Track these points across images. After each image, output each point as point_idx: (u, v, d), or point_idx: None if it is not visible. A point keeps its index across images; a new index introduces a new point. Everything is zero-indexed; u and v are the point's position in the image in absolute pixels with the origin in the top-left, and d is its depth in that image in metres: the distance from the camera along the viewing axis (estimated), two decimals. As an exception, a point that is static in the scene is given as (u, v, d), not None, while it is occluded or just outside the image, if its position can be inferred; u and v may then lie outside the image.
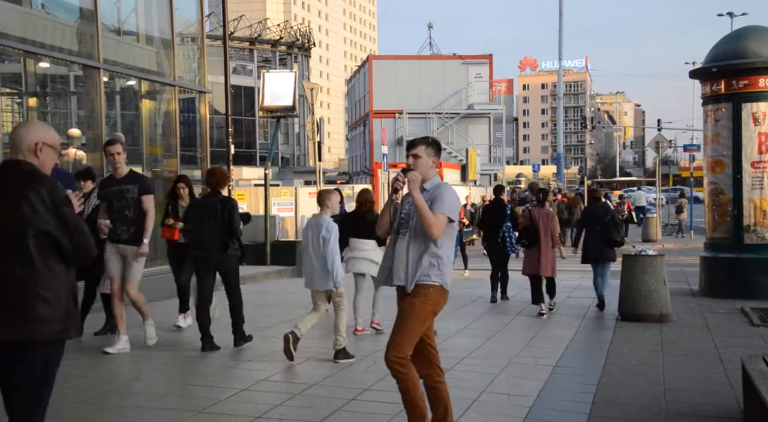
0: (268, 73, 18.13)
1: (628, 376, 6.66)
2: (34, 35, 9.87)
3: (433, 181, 4.52)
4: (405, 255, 4.42)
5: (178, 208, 8.48)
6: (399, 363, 4.32)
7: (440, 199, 4.40)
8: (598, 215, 10.61)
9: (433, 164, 4.52)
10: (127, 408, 5.31)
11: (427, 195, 4.44)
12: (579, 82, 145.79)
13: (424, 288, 4.38)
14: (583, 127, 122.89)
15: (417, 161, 4.47)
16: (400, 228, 4.50)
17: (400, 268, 4.44)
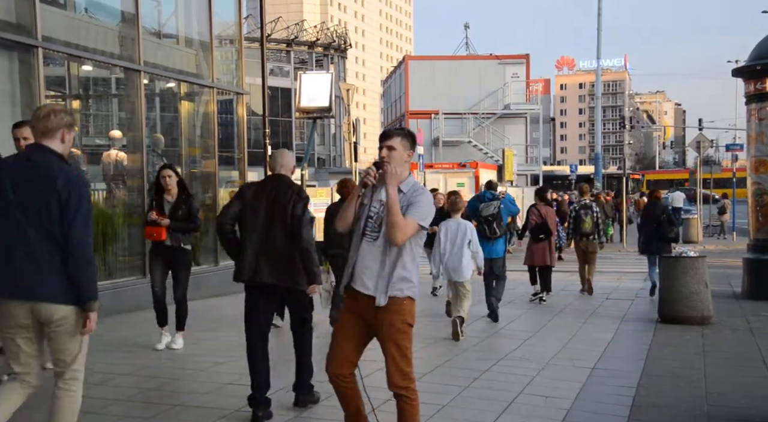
0: (305, 75, 18.24)
1: (668, 379, 6.56)
2: (77, 39, 10.07)
3: (408, 181, 4.11)
4: (376, 263, 4.00)
5: (163, 203, 7.31)
6: (408, 387, 4.07)
7: (418, 205, 3.99)
8: (656, 213, 11.73)
9: (407, 158, 4.13)
10: (167, 406, 5.38)
11: (404, 198, 4.02)
12: (617, 82, 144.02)
13: (398, 302, 4.02)
14: (621, 127, 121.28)
15: (391, 153, 4.05)
16: (368, 230, 4.04)
17: (367, 276, 4.01)
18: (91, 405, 5.37)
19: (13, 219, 3.68)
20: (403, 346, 4.07)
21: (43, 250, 3.66)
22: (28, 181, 3.70)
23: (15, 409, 3.80)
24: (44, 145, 3.77)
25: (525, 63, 44.87)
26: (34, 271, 3.67)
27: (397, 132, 4.14)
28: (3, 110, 8.80)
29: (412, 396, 4.08)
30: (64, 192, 3.66)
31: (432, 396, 5.76)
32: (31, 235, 3.66)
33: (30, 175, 3.72)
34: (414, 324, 4.16)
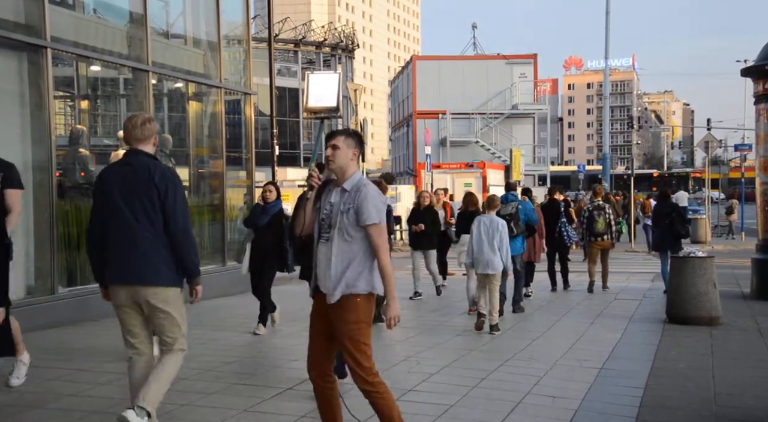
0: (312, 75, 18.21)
1: (676, 380, 6.54)
2: (86, 39, 10.10)
3: (353, 178, 4.15)
4: (327, 263, 4.08)
5: None
6: (372, 383, 4.11)
7: (366, 208, 4.03)
8: (666, 212, 12.10)
9: (353, 157, 4.17)
10: (173, 406, 5.39)
11: (348, 198, 4.09)
12: (626, 82, 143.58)
13: (350, 300, 4.06)
14: (629, 127, 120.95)
15: (336, 152, 4.12)
16: (321, 230, 4.16)
17: (324, 276, 4.10)
18: (98, 405, 5.40)
19: (121, 216, 4.29)
20: (361, 343, 4.10)
21: (146, 239, 4.27)
22: (130, 182, 4.31)
23: (144, 376, 4.36)
24: (140, 149, 4.40)
25: (533, 63, 44.82)
26: (140, 260, 4.27)
27: (341, 132, 4.24)
28: (12, 110, 8.83)
29: (380, 390, 4.14)
30: (161, 185, 4.28)
31: (439, 396, 5.75)
32: (135, 227, 4.27)
33: (131, 176, 4.32)
34: (369, 322, 4.18)
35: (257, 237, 8.30)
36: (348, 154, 4.16)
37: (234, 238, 12.84)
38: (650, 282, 14.28)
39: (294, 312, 9.04)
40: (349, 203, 4.08)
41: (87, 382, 6.02)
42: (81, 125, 11.74)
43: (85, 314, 8.90)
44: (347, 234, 4.08)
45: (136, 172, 4.32)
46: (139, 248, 4.26)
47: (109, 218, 4.35)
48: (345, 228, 4.08)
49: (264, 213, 8.37)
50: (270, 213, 8.34)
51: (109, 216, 4.34)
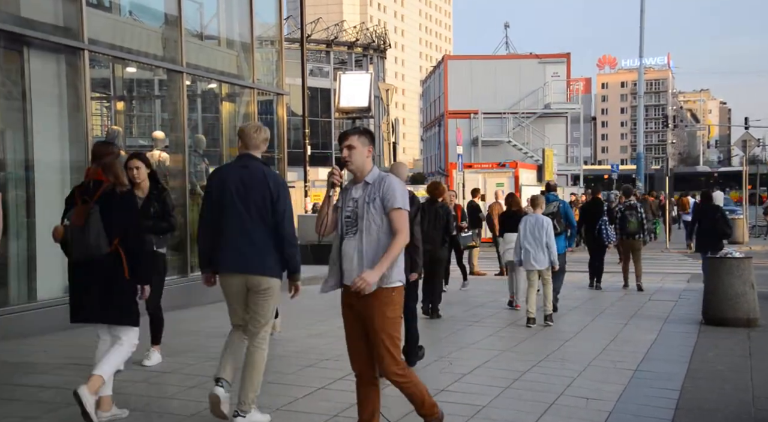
0: (344, 75, 18.34)
1: (713, 382, 6.44)
2: (122, 41, 10.24)
3: (373, 173, 4.29)
4: (359, 256, 4.17)
5: None
6: (401, 374, 4.26)
7: (391, 193, 4.18)
8: (710, 213, 12.27)
9: (368, 154, 4.30)
10: (207, 404, 5.44)
11: (372, 189, 4.22)
12: (660, 80, 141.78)
13: (386, 292, 4.17)
14: (664, 126, 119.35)
15: (352, 152, 4.25)
16: (347, 228, 4.25)
17: (353, 271, 4.18)
18: (136, 402, 5.46)
19: (234, 211, 4.80)
20: (394, 336, 4.25)
21: (257, 235, 4.79)
22: (244, 182, 4.81)
23: (244, 349, 4.95)
24: (253, 154, 4.92)
25: (566, 62, 44.42)
26: (250, 251, 4.78)
27: (353, 131, 4.33)
28: (50, 111, 8.98)
29: (412, 378, 4.33)
30: (274, 190, 4.82)
31: (471, 396, 5.73)
32: (249, 223, 4.79)
33: (246, 177, 4.83)
34: (401, 314, 4.39)
35: None
36: (364, 152, 4.28)
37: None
38: (686, 283, 14.09)
39: (323, 311, 9.07)
40: (375, 193, 4.20)
41: (123, 379, 6.10)
42: (117, 126, 11.92)
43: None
44: (374, 224, 4.18)
45: (252, 174, 4.83)
46: (252, 242, 4.78)
47: (224, 213, 4.82)
48: (372, 218, 4.18)
49: None
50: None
51: (225, 211, 4.82)
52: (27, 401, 5.45)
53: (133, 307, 5.03)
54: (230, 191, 4.80)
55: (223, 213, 4.83)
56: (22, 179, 8.50)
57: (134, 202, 5.15)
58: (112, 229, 4.81)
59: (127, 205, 4.94)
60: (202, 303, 10.35)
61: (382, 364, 4.24)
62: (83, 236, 4.78)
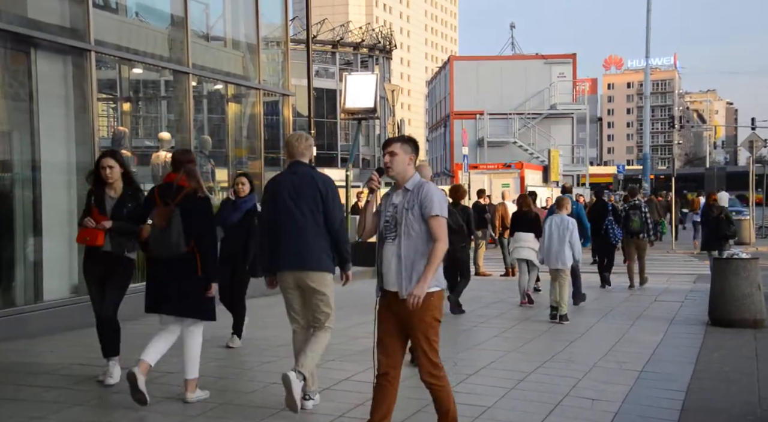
0: (350, 76, 18.30)
1: (719, 383, 6.43)
2: (128, 42, 10.27)
3: (414, 179, 4.43)
4: (397, 261, 4.32)
5: (104, 199, 5.90)
6: (437, 376, 4.39)
7: (430, 201, 4.31)
8: (715, 214, 12.96)
9: (410, 161, 4.44)
10: (213, 404, 5.45)
11: (412, 196, 4.36)
12: (667, 81, 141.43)
13: (427, 297, 4.28)
14: (670, 127, 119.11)
15: (394, 158, 4.40)
16: (387, 232, 4.40)
17: (391, 274, 4.35)
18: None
19: (289, 215, 5.23)
20: (432, 340, 4.37)
21: (311, 234, 5.20)
22: (296, 186, 5.26)
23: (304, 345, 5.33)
24: (301, 161, 5.38)
25: (572, 62, 44.35)
26: (306, 250, 5.21)
27: (397, 139, 4.53)
28: (57, 112, 9.01)
29: (444, 383, 4.43)
30: (323, 190, 5.24)
31: (476, 397, 5.73)
32: (302, 223, 5.20)
33: (297, 181, 5.28)
34: (440, 318, 4.44)
35: (227, 238, 7.33)
36: (405, 159, 4.42)
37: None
38: (692, 284, 14.05)
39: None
40: (413, 200, 4.34)
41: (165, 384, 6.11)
42: (123, 127, 11.94)
43: (130, 313, 9.02)
44: (412, 230, 4.32)
45: (302, 178, 5.29)
46: (307, 241, 5.20)
47: (280, 216, 5.26)
48: (410, 225, 4.33)
49: (235, 210, 7.43)
50: (242, 210, 7.43)
51: (281, 216, 5.26)
52: (33, 401, 5.47)
53: (206, 303, 5.49)
54: (284, 196, 5.25)
55: (279, 217, 5.27)
56: (29, 180, 8.53)
57: (210, 207, 5.68)
58: (191, 231, 5.30)
59: (204, 210, 5.49)
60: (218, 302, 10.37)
61: (420, 365, 4.40)
62: (165, 236, 5.26)
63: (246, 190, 7.44)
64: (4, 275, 8.25)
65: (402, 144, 4.46)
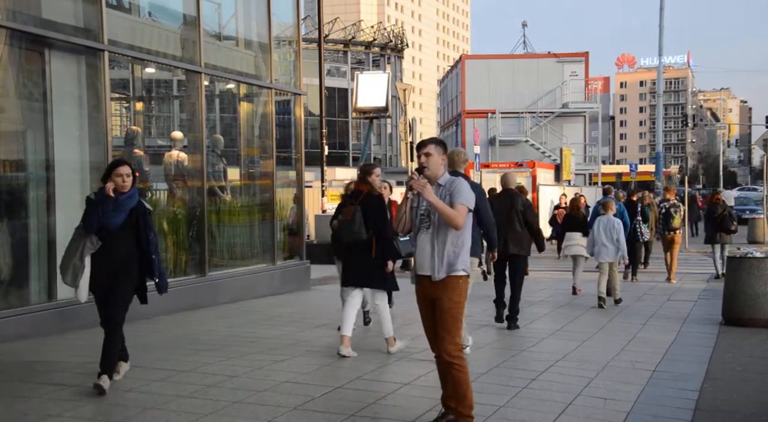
0: (362, 75, 18.35)
1: (733, 383, 6.39)
2: (141, 42, 10.31)
3: (445, 176, 4.90)
4: (430, 247, 4.79)
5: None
6: (457, 356, 4.74)
7: (458, 192, 4.79)
8: (718, 211, 14.55)
9: (443, 162, 4.90)
10: (226, 402, 5.48)
11: (444, 190, 4.83)
12: (680, 79, 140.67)
13: (454, 280, 4.76)
14: (683, 125, 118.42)
15: (429, 159, 4.84)
16: (421, 223, 4.86)
17: (425, 260, 4.81)
18: (155, 401, 5.51)
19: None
20: (458, 319, 4.81)
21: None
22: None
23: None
24: (458, 170, 6.87)
25: (584, 61, 44.13)
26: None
27: (431, 141, 4.98)
28: (71, 112, 9.06)
29: (463, 364, 4.78)
30: (477, 194, 5.76)
31: (488, 396, 5.72)
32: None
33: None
34: (465, 301, 4.91)
35: (107, 245, 5.76)
36: (439, 159, 4.88)
37: (284, 238, 12.97)
38: (705, 283, 13.98)
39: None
40: (446, 193, 4.81)
41: (141, 378, 6.15)
42: (136, 126, 12.01)
43: (139, 311, 9.07)
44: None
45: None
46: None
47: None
48: None
49: (117, 209, 5.74)
50: (125, 209, 5.78)
51: None
52: (46, 399, 5.51)
53: (386, 276, 7.10)
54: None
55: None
56: (43, 179, 8.58)
57: (383, 203, 7.27)
58: (368, 222, 6.95)
59: (379, 206, 7.12)
60: (218, 302, 10.43)
61: (442, 342, 4.74)
62: (350, 226, 7.00)
63: (129, 184, 5.79)
64: (17, 274, 8.31)
65: (436, 146, 4.90)
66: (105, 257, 5.77)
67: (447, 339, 4.73)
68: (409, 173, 4.99)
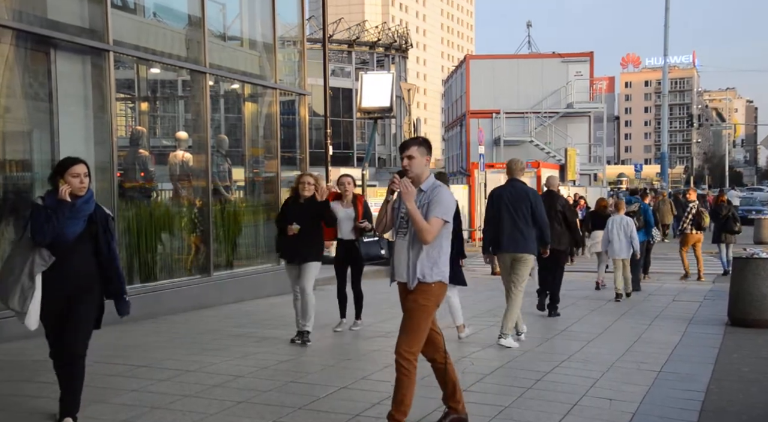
0: (366, 75, 18.34)
1: (739, 384, 6.37)
2: (146, 43, 10.32)
3: (428, 181, 4.70)
4: (406, 254, 4.65)
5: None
6: (407, 359, 4.54)
7: (437, 202, 4.58)
8: (723, 212, 15.34)
9: (426, 163, 4.70)
10: (231, 402, 5.48)
11: (425, 196, 4.64)
12: (685, 79, 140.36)
13: (426, 285, 4.61)
14: (689, 125, 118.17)
15: (412, 161, 4.65)
16: (400, 228, 4.71)
17: (401, 267, 4.67)
18: (158, 401, 5.52)
19: (508, 215, 7.84)
20: (419, 322, 4.60)
21: (522, 228, 7.80)
22: (512, 196, 7.89)
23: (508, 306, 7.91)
24: (517, 178, 8.06)
25: (589, 61, 44.04)
26: (519, 238, 7.79)
27: (413, 142, 4.76)
28: (76, 112, 9.08)
29: (409, 368, 4.56)
30: (533, 200, 7.89)
31: (493, 397, 5.72)
32: (517, 221, 7.81)
33: (514, 193, 7.93)
34: (437, 307, 4.71)
35: (62, 259, 4.73)
36: (422, 161, 4.69)
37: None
38: (711, 284, 13.94)
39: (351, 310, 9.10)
40: (426, 199, 4.63)
41: (147, 378, 6.16)
42: (141, 126, 12.02)
43: (145, 311, 9.11)
44: None
45: (518, 191, 7.93)
46: (521, 232, 7.78)
47: (502, 216, 7.85)
48: None
49: (74, 216, 4.73)
50: (83, 215, 4.79)
51: (502, 214, 7.85)
52: (53, 399, 5.51)
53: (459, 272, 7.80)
54: (505, 202, 7.85)
55: (501, 216, 7.86)
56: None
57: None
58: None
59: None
60: (222, 302, 10.43)
61: (398, 340, 4.59)
62: None
63: (86, 186, 4.84)
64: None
65: (419, 147, 4.69)
66: (60, 274, 4.73)
67: (402, 338, 4.57)
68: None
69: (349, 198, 8.60)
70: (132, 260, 9.52)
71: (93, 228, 4.83)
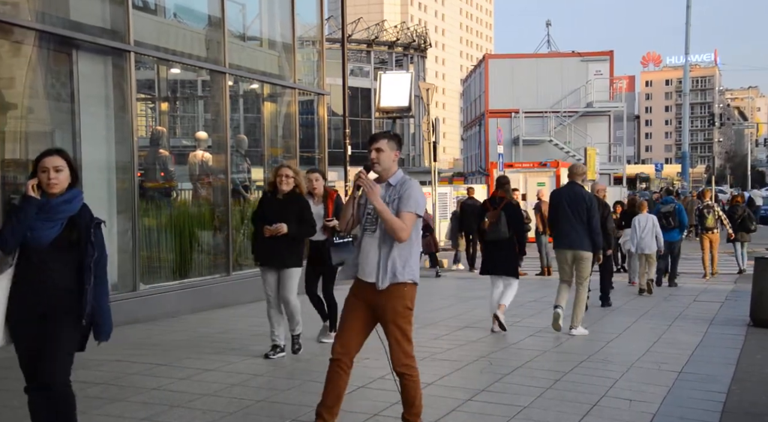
0: (385, 75, 18.35)
1: (762, 385, 6.31)
2: (166, 43, 10.40)
3: (397, 175, 4.51)
4: (376, 253, 4.41)
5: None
6: (409, 365, 4.43)
7: (408, 197, 4.39)
8: (739, 213, 15.93)
9: (395, 158, 4.54)
10: (250, 401, 5.50)
11: (394, 191, 4.45)
12: (707, 78, 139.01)
13: (400, 287, 4.40)
14: (710, 124, 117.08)
15: (380, 155, 4.47)
16: (367, 225, 4.50)
17: (369, 265, 4.42)
18: (178, 399, 5.55)
19: (566, 215, 8.51)
20: (405, 328, 4.45)
21: (579, 227, 8.46)
22: (571, 198, 8.55)
23: (572, 291, 8.64)
24: (576, 181, 8.69)
25: (609, 60, 43.76)
26: (576, 236, 8.47)
27: (383, 135, 4.60)
28: (98, 112, 9.16)
29: (414, 374, 4.46)
30: (588, 202, 8.51)
31: (512, 397, 5.70)
32: (574, 221, 8.48)
33: (572, 195, 8.58)
34: (413, 307, 4.50)
35: (33, 271, 3.91)
36: (391, 155, 4.50)
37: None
38: (733, 284, 13.81)
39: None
40: (395, 194, 4.42)
41: (167, 376, 6.21)
42: (161, 126, 12.10)
43: (163, 310, 9.18)
44: None
45: (576, 193, 8.58)
46: (577, 231, 8.45)
47: (560, 216, 8.57)
48: None
49: (48, 217, 3.94)
50: (59, 218, 3.97)
51: (561, 214, 8.54)
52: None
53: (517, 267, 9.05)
54: (564, 203, 8.52)
55: (559, 215, 8.58)
56: (70, 179, 8.67)
57: (520, 210, 9.21)
58: (511, 223, 8.79)
59: (516, 211, 8.98)
60: (241, 302, 10.47)
61: (393, 354, 4.44)
62: (497, 227, 8.78)
63: (60, 182, 3.99)
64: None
65: (388, 140, 4.53)
66: (31, 288, 3.89)
67: (397, 348, 4.42)
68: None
69: (320, 194, 7.64)
70: (151, 259, 9.59)
71: (73, 234, 3.95)
